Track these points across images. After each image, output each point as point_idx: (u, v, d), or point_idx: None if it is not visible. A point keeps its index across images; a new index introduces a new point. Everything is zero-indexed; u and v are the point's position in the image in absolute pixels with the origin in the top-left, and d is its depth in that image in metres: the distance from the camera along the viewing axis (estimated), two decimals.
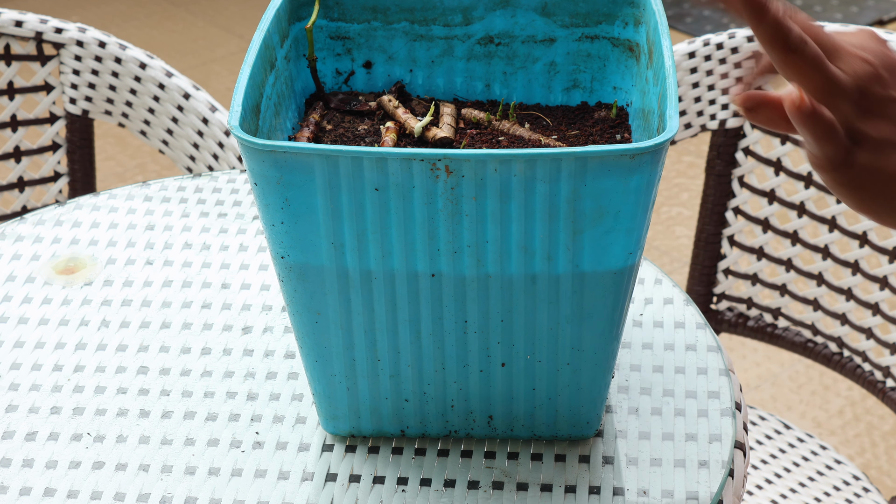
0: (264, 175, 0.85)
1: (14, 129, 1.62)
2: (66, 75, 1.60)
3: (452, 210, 0.85)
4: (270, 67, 0.98)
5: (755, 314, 1.58)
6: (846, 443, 2.23)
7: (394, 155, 0.83)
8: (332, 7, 1.06)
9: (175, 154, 1.60)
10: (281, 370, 1.05)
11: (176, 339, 1.09)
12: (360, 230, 0.86)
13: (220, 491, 0.94)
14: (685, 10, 3.84)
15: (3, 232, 1.23)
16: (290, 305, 0.92)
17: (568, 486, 0.94)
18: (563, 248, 0.87)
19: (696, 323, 1.10)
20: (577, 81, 1.07)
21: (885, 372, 1.48)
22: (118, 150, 3.09)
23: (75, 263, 1.18)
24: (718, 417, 1.00)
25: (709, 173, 1.57)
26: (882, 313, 1.48)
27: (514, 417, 0.96)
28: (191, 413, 1.01)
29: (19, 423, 1.00)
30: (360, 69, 1.09)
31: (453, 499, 0.93)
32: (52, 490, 0.94)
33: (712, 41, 1.53)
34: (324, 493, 0.94)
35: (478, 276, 0.88)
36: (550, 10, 1.05)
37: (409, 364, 0.93)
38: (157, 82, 1.57)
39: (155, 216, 1.25)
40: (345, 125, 1.03)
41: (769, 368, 2.41)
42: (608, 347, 0.93)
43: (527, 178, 0.83)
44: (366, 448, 0.98)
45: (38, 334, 1.09)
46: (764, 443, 1.52)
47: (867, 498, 1.44)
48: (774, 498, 1.43)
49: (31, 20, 1.58)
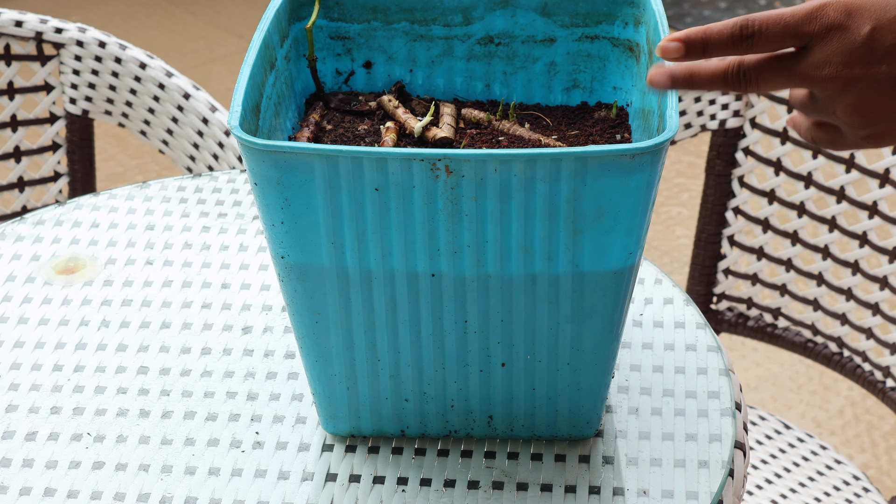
0: (264, 175, 0.85)
1: (14, 129, 1.62)
2: (66, 75, 1.60)
3: (452, 210, 0.85)
4: (270, 67, 0.98)
5: (755, 314, 1.58)
6: (846, 443, 2.23)
7: (394, 155, 0.83)
8: (332, 7, 1.06)
9: (175, 154, 1.60)
10: (281, 370, 1.05)
11: (176, 339, 1.09)
12: (360, 230, 0.86)
13: (220, 491, 0.94)
14: (685, 10, 3.84)
15: (3, 232, 1.23)
16: (290, 305, 0.92)
17: (568, 486, 0.94)
18: (563, 248, 0.87)
19: (696, 323, 1.10)
20: (577, 81, 1.07)
21: (885, 372, 1.48)
22: (118, 150, 3.09)
23: (75, 263, 1.18)
24: (718, 417, 1.00)
25: (709, 173, 1.57)
26: (882, 313, 1.48)
27: (514, 417, 0.96)
28: (191, 413, 1.01)
29: (19, 423, 1.00)
30: (360, 69, 1.09)
31: (453, 499, 0.93)
32: (52, 490, 0.94)
33: None
34: (324, 493, 0.94)
35: (478, 276, 0.88)
36: (550, 10, 1.05)
37: (409, 364, 0.93)
38: (157, 82, 1.57)
39: (155, 216, 1.25)
40: (345, 125, 1.03)
41: (769, 368, 2.41)
42: (608, 347, 0.93)
43: (527, 178, 0.83)
44: (366, 448, 0.98)
45: (38, 334, 1.09)
46: (764, 443, 1.52)
47: (867, 498, 1.44)
48: (774, 498, 1.43)
49: (31, 20, 1.58)
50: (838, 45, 0.81)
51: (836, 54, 0.81)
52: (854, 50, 0.81)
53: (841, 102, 0.83)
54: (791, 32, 0.82)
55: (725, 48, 0.83)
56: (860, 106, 0.82)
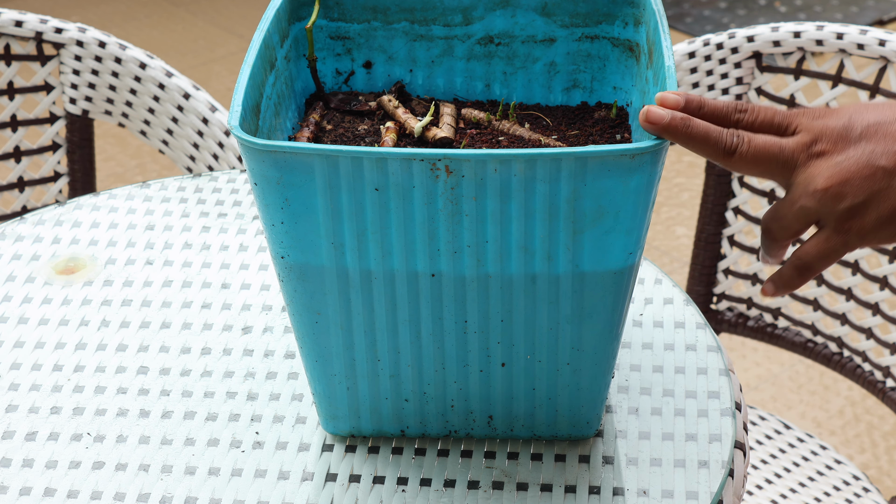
0: (264, 175, 0.85)
1: (14, 129, 1.62)
2: (66, 75, 1.60)
3: (452, 210, 0.85)
4: (270, 67, 0.98)
5: (755, 314, 1.59)
6: (846, 443, 2.23)
7: (394, 155, 0.83)
8: (332, 7, 1.06)
9: (175, 154, 1.60)
10: (281, 370, 1.05)
11: (176, 339, 1.09)
12: (360, 230, 0.86)
13: (220, 491, 0.94)
14: (685, 10, 3.84)
15: (3, 232, 1.23)
16: (290, 305, 0.92)
17: (568, 486, 0.94)
18: (563, 248, 0.87)
19: (696, 323, 1.10)
20: (577, 81, 1.07)
21: (885, 372, 1.48)
22: (118, 150, 3.09)
23: (75, 263, 1.18)
24: (718, 417, 1.00)
25: (709, 173, 1.57)
26: (882, 313, 1.48)
27: (514, 417, 0.96)
28: (191, 413, 1.01)
29: (19, 423, 1.00)
30: (360, 69, 1.09)
31: (453, 499, 0.93)
32: (52, 490, 0.94)
33: (712, 41, 1.53)
34: (324, 493, 0.94)
35: (478, 276, 0.88)
36: (550, 10, 1.05)
37: (409, 364, 0.93)
38: (157, 82, 1.57)
39: (155, 216, 1.25)
40: (345, 125, 1.03)
41: (769, 368, 2.41)
42: (608, 347, 0.93)
43: (527, 178, 0.83)
44: (366, 448, 0.98)
45: (38, 334, 1.09)
46: (764, 443, 1.52)
47: (867, 498, 1.44)
48: (774, 498, 1.43)
49: (31, 20, 1.58)
50: (822, 127, 0.86)
51: (823, 133, 0.86)
52: (837, 131, 0.86)
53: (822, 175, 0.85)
54: (780, 118, 0.87)
55: (720, 112, 0.88)
56: (840, 174, 0.84)
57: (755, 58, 1.52)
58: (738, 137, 0.86)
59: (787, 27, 1.49)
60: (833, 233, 0.86)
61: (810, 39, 1.48)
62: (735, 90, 1.53)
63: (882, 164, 0.84)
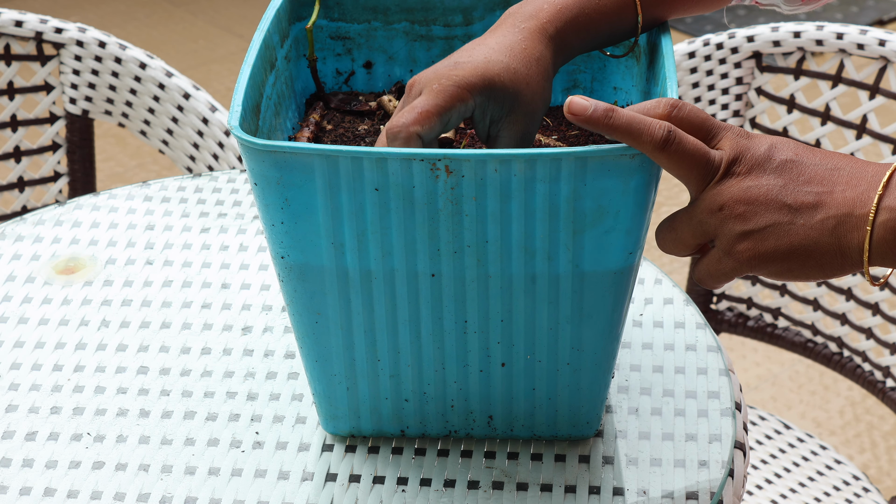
0: (264, 175, 0.85)
1: (14, 129, 1.62)
2: (66, 75, 1.60)
3: (452, 210, 0.85)
4: (270, 67, 0.98)
5: (755, 314, 1.59)
6: (846, 443, 2.23)
7: (394, 155, 0.83)
8: (332, 7, 1.06)
9: (175, 154, 1.60)
10: (281, 370, 1.05)
11: (176, 339, 1.09)
12: (360, 230, 0.86)
13: (220, 491, 0.94)
14: None
15: (3, 232, 1.23)
16: (290, 305, 0.92)
17: (568, 486, 0.94)
18: (564, 248, 0.87)
19: (696, 323, 1.10)
20: (577, 81, 1.07)
21: (885, 372, 1.48)
22: (118, 150, 3.09)
23: (75, 263, 1.18)
24: (718, 417, 1.00)
25: None
26: (882, 313, 1.48)
27: (514, 417, 0.96)
28: (191, 413, 1.01)
29: (19, 423, 1.00)
30: (360, 69, 1.09)
31: (453, 499, 0.93)
32: (52, 490, 0.94)
33: (712, 41, 1.53)
34: (324, 493, 0.94)
35: (478, 276, 0.88)
36: None
37: (409, 364, 0.93)
38: (157, 82, 1.57)
39: (155, 216, 1.25)
40: (345, 125, 1.03)
41: (769, 368, 2.41)
42: (608, 347, 0.93)
43: (527, 178, 0.83)
44: (366, 448, 0.98)
45: (38, 334, 1.09)
46: (764, 443, 1.52)
47: (867, 498, 1.44)
48: (774, 498, 1.43)
49: (31, 20, 1.58)
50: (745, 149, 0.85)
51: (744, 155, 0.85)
52: (756, 157, 0.85)
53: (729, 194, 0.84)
54: (711, 125, 0.86)
55: (649, 105, 0.86)
56: (746, 198, 0.84)
57: (755, 58, 1.52)
58: (671, 132, 0.84)
59: (786, 27, 1.49)
60: (724, 255, 0.85)
61: (810, 39, 1.48)
62: (735, 90, 1.53)
63: (789, 202, 0.83)
